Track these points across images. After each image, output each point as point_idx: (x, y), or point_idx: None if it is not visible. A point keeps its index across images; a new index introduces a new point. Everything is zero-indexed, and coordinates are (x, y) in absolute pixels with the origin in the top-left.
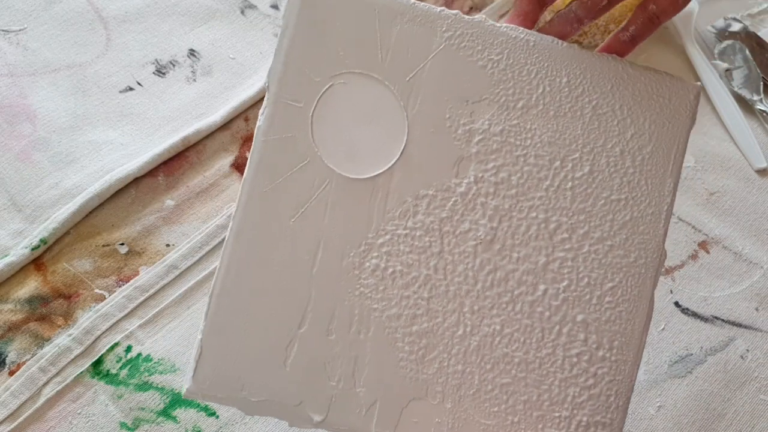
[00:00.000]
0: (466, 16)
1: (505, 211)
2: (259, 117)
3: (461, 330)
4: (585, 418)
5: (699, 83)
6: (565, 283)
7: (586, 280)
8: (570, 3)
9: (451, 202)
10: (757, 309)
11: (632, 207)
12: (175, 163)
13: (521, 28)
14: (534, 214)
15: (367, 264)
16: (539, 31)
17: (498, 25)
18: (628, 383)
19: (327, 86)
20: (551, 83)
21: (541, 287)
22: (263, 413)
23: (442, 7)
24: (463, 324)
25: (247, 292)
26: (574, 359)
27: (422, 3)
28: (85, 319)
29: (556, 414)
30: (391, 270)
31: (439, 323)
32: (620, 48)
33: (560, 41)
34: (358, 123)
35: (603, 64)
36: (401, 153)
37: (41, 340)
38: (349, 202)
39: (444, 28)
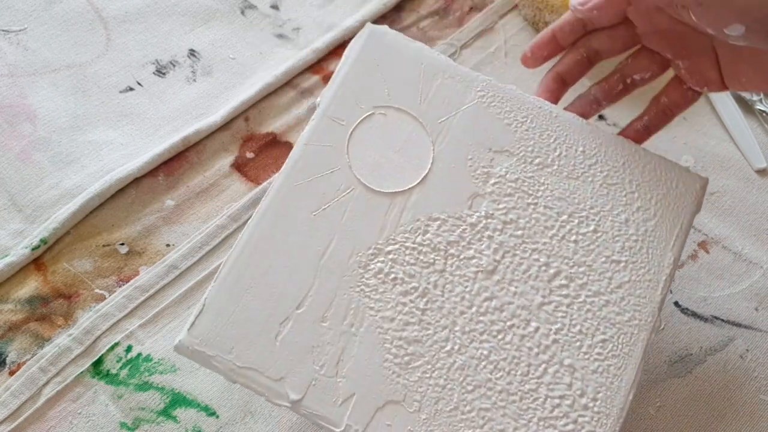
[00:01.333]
0: (500, 84)
1: (510, 247)
2: (305, 127)
3: (449, 346)
4: None
5: (706, 177)
6: (557, 326)
7: (578, 327)
8: (591, 87)
9: (460, 229)
10: (756, 309)
11: (631, 270)
12: (175, 163)
13: (547, 102)
14: (536, 257)
15: (372, 266)
16: (564, 109)
17: (527, 95)
18: None
19: (369, 113)
20: (568, 149)
21: (533, 324)
22: (243, 383)
23: (478, 72)
24: (452, 341)
25: (259, 265)
26: (557, 401)
27: (462, 66)
28: (85, 319)
29: None
30: (393, 275)
31: (429, 335)
32: (635, 137)
33: (581, 118)
34: (390, 147)
35: (618, 143)
36: (423, 178)
37: (41, 340)
38: (367, 209)
39: (479, 88)
